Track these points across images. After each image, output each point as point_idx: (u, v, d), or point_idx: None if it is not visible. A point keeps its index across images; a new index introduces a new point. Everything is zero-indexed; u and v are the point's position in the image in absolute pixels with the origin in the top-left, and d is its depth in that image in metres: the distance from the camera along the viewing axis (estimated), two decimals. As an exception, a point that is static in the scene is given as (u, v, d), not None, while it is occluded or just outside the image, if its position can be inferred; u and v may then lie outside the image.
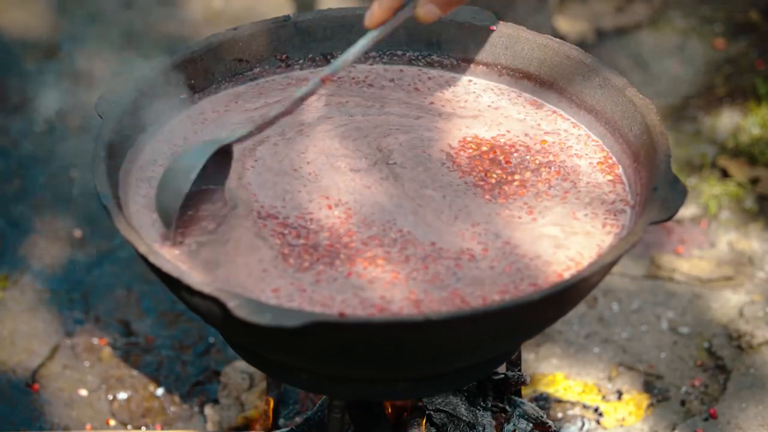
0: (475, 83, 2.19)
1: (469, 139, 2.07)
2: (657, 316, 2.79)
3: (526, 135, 2.08)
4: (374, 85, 2.18)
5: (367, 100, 2.14)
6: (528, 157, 2.04)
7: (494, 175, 2.00)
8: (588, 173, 2.01)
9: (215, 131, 2.06)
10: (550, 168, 2.02)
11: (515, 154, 2.04)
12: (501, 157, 2.03)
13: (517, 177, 2.00)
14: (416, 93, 2.16)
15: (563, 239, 1.89)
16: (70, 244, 3.03)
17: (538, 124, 2.10)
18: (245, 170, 1.98)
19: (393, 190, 1.96)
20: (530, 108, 2.13)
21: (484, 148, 2.05)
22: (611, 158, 2.04)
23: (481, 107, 2.14)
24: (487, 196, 1.96)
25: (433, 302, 1.77)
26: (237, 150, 2.02)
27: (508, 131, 2.08)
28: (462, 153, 2.04)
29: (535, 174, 2.00)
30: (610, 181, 2.00)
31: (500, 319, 1.72)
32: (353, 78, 2.20)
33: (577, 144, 2.07)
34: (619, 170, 2.02)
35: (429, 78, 2.20)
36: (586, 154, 2.05)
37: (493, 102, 2.15)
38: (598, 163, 2.03)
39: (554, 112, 2.13)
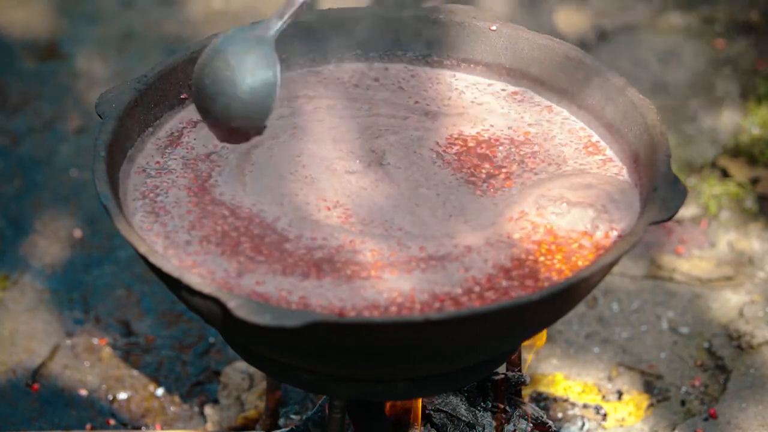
0: (458, 80, 2.20)
1: (455, 136, 2.08)
2: (657, 316, 2.79)
3: (510, 128, 2.09)
4: (360, 86, 2.19)
5: (355, 101, 2.15)
6: (513, 149, 2.05)
7: (483, 170, 2.01)
8: (575, 157, 2.03)
9: (209, 135, 2.06)
10: (535, 157, 2.03)
11: (500, 148, 2.05)
12: (488, 152, 2.04)
13: (504, 170, 2.01)
14: (401, 92, 2.18)
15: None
16: (70, 244, 3.03)
17: (521, 117, 2.12)
18: (245, 176, 1.98)
19: (389, 191, 1.97)
20: (513, 102, 2.14)
21: (471, 144, 2.06)
22: (599, 142, 2.06)
23: (465, 104, 2.15)
24: (478, 191, 1.97)
25: (434, 301, 1.77)
26: (234, 155, 2.02)
27: (492, 126, 2.10)
28: (450, 150, 2.05)
29: (520, 165, 2.01)
30: (601, 160, 2.02)
31: (500, 319, 1.72)
32: (338, 78, 2.20)
33: (561, 133, 2.08)
34: (608, 152, 2.04)
35: (412, 76, 2.21)
36: (571, 142, 2.06)
37: (476, 98, 2.16)
38: (584, 146, 2.05)
39: (538, 104, 2.14)
